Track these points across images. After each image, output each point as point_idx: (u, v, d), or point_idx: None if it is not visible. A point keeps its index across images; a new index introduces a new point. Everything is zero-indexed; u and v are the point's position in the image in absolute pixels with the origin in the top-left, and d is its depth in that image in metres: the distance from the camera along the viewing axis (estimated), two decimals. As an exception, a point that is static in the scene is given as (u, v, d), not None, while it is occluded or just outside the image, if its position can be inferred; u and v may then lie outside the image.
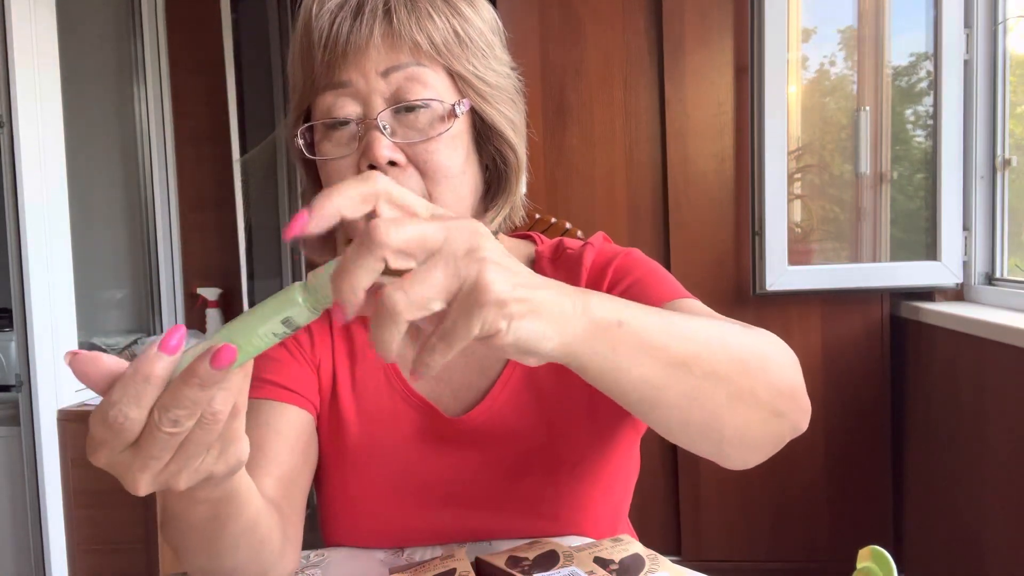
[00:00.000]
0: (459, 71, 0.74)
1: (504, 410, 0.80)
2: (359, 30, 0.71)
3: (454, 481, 0.80)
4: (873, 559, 0.58)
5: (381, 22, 0.71)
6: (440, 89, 0.73)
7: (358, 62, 0.71)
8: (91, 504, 2.02)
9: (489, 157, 0.78)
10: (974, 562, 1.83)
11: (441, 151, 0.73)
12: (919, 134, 2.27)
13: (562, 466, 0.80)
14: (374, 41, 0.71)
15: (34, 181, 1.96)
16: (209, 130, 2.67)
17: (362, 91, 0.72)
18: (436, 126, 0.72)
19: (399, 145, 0.72)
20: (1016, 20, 2.04)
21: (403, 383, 0.83)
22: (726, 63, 2.29)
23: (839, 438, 2.26)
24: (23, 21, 1.93)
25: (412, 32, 0.71)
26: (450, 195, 0.74)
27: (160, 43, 2.64)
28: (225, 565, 0.64)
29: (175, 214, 2.70)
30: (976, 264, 2.13)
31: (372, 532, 0.83)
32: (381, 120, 0.71)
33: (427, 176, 0.72)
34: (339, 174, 0.73)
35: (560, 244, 0.87)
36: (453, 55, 0.73)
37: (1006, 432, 1.70)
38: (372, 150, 0.70)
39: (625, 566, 0.69)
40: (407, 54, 0.72)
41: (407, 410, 0.82)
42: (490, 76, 0.76)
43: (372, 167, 0.71)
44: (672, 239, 2.33)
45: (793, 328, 2.28)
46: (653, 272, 0.81)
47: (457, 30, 0.74)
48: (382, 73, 0.71)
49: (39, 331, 1.96)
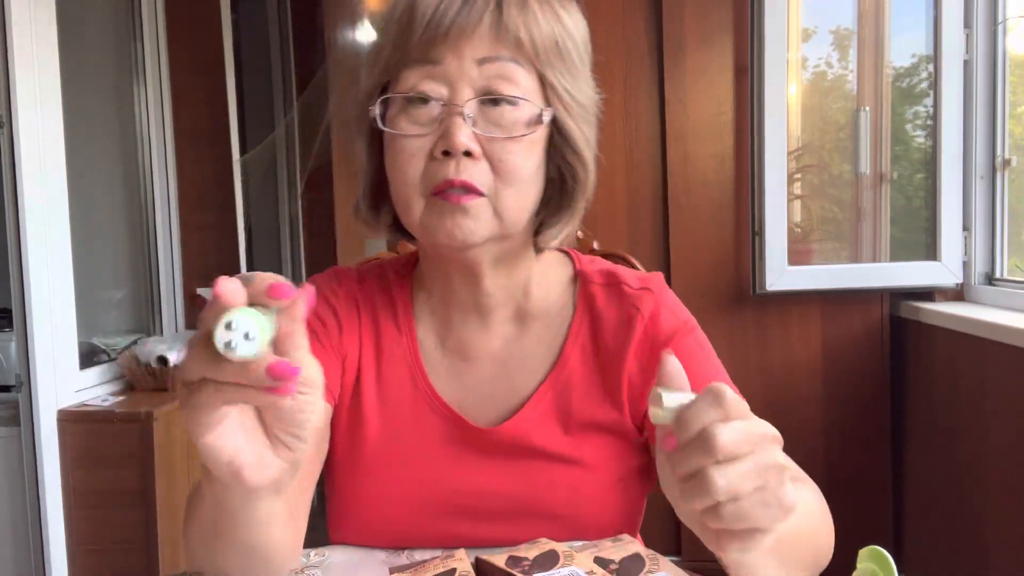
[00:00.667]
0: (551, 80, 0.73)
1: (534, 428, 0.79)
2: (468, 14, 0.70)
3: (474, 492, 0.79)
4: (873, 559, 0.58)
5: (492, 11, 0.71)
6: (530, 92, 0.72)
7: (458, 45, 0.70)
8: (91, 504, 2.02)
9: (555, 170, 0.77)
10: (974, 562, 1.83)
11: (520, 153, 0.72)
12: (919, 134, 2.27)
13: (585, 487, 0.79)
14: (481, 28, 0.70)
15: (34, 181, 1.96)
16: (209, 130, 2.67)
17: (453, 74, 0.71)
18: (520, 127, 0.72)
19: (478, 137, 0.71)
20: (1016, 20, 2.04)
21: (428, 385, 0.81)
22: (726, 63, 2.29)
23: (839, 438, 2.26)
24: (23, 21, 1.93)
25: (519, 29, 0.71)
26: (515, 199, 0.73)
27: (160, 43, 2.64)
28: (235, 564, 0.64)
29: (175, 214, 2.70)
30: (976, 264, 2.14)
31: (382, 534, 0.81)
32: (467, 108, 0.70)
33: (498, 174, 0.71)
34: (411, 152, 0.72)
35: (613, 275, 0.84)
36: (550, 62, 0.73)
37: (1006, 432, 1.70)
38: (452, 136, 0.69)
39: (625, 566, 0.69)
40: (508, 48, 0.71)
41: (431, 414, 0.81)
42: (578, 91, 0.75)
43: (446, 153, 0.70)
44: (672, 239, 2.33)
45: (793, 328, 2.28)
46: (710, 376, 0.78)
47: (558, 39, 0.73)
48: (478, 61, 0.70)
49: (39, 331, 1.96)
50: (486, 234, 0.72)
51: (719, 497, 0.45)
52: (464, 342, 0.82)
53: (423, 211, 0.72)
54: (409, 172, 0.72)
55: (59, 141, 2.06)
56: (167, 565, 2.01)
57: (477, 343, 0.82)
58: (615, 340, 0.81)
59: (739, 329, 2.28)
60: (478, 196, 0.71)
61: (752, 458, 0.46)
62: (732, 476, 0.45)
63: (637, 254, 1.30)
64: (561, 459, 0.79)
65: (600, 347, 0.81)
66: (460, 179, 0.70)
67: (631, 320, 0.80)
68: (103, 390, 2.23)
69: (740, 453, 0.45)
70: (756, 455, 0.46)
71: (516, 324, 0.83)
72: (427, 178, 0.72)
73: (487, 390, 0.81)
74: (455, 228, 0.71)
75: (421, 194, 0.72)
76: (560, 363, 0.81)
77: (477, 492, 0.79)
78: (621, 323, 0.81)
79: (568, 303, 0.84)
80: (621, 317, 0.81)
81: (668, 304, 0.83)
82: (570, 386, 0.81)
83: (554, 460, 0.79)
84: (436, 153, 0.71)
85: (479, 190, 0.71)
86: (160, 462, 2.02)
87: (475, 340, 0.82)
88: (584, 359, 0.81)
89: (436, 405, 0.81)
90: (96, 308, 2.51)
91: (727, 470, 0.45)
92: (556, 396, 0.80)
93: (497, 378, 0.82)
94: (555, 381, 0.81)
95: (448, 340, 0.83)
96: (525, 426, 0.79)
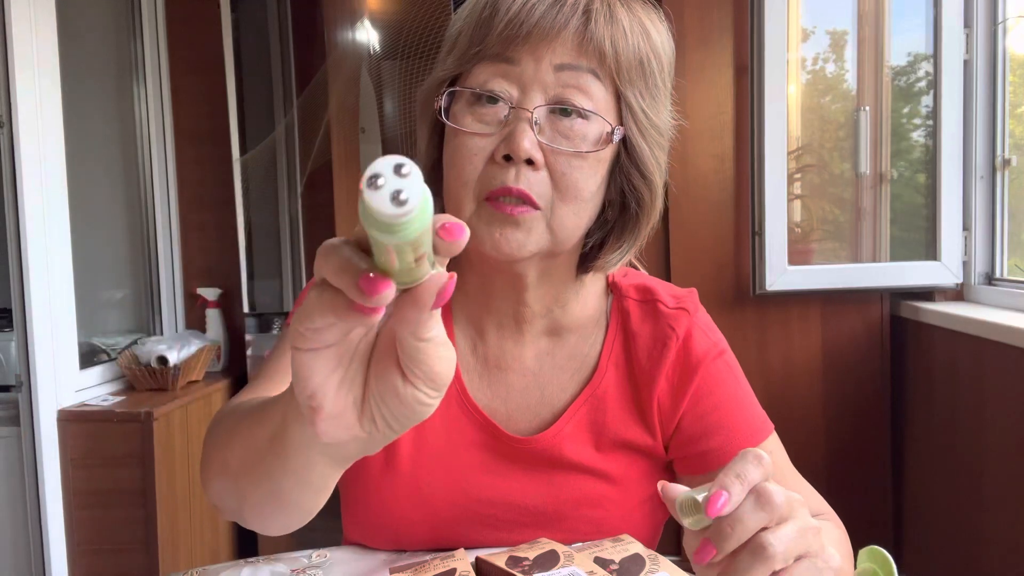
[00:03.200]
0: (629, 98, 0.70)
1: (567, 441, 0.78)
2: (554, 17, 0.67)
3: (501, 501, 0.79)
4: (873, 559, 0.58)
5: (579, 17, 0.68)
6: (603, 107, 0.69)
7: (537, 47, 0.68)
8: (91, 504, 2.02)
9: (617, 192, 0.74)
10: (974, 562, 1.83)
11: (583, 169, 0.69)
12: (919, 134, 2.26)
13: (611, 505, 0.79)
14: (566, 33, 0.67)
15: (34, 181, 1.96)
16: (209, 130, 2.67)
17: (527, 76, 0.68)
18: (588, 142, 0.69)
19: (543, 146, 0.68)
20: (1016, 20, 2.04)
21: (463, 388, 0.79)
22: (726, 63, 2.29)
23: (839, 438, 2.26)
24: (23, 21, 1.93)
25: (604, 40, 0.68)
26: (572, 217, 0.70)
27: (160, 43, 2.64)
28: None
29: (175, 214, 2.70)
30: (976, 264, 2.13)
31: (401, 536, 0.80)
32: (536, 113, 0.67)
33: (558, 187, 0.69)
34: (472, 151, 0.69)
35: (650, 292, 0.82)
36: (631, 80, 0.70)
37: (1006, 432, 1.70)
38: (516, 140, 0.66)
39: (625, 566, 0.69)
40: (589, 59, 0.68)
41: (463, 418, 0.79)
42: (655, 115, 0.72)
43: (507, 158, 0.67)
44: (672, 239, 2.33)
45: (793, 328, 2.28)
46: (738, 399, 0.79)
47: (643, 58, 0.71)
48: (556, 67, 0.68)
49: (39, 331, 1.96)
50: (535, 249, 0.70)
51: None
52: (498, 351, 0.80)
53: (473, 214, 0.69)
54: (466, 171, 0.69)
55: (59, 141, 2.06)
56: (167, 565, 2.01)
57: (511, 353, 0.80)
58: (649, 360, 0.79)
59: (739, 329, 2.28)
60: (533, 209, 0.68)
61: (802, 543, 0.48)
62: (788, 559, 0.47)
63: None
64: (591, 473, 0.78)
65: (634, 365, 0.80)
66: (518, 187, 0.67)
67: (666, 341, 0.79)
68: (103, 390, 2.23)
69: (794, 552, 0.48)
70: (805, 541, 0.48)
71: (550, 337, 0.81)
72: (484, 181, 0.69)
73: (518, 400, 0.80)
74: (503, 240, 0.68)
75: (474, 197, 0.69)
76: (595, 379, 0.80)
77: (503, 501, 0.78)
78: (656, 343, 0.79)
79: (602, 317, 0.82)
80: (656, 336, 0.79)
81: (701, 326, 0.81)
82: (604, 403, 0.79)
83: (584, 474, 0.78)
84: (497, 156, 0.68)
85: (535, 202, 0.68)
86: (160, 462, 2.02)
87: (509, 350, 0.80)
88: (619, 377, 0.80)
89: (470, 410, 0.79)
90: (96, 308, 2.50)
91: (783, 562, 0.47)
92: (590, 411, 0.79)
93: (529, 389, 0.80)
94: (590, 396, 0.79)
95: (481, 347, 0.81)
96: (559, 439, 0.78)
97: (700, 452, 0.78)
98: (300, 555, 0.80)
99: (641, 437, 0.79)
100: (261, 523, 0.57)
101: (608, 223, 0.76)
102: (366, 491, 0.80)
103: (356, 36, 3.02)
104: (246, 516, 0.57)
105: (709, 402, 0.78)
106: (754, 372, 2.25)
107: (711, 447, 0.77)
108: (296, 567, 0.77)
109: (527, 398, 0.80)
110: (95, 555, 2.02)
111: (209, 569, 0.76)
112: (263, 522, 0.56)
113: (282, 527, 0.56)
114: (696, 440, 0.78)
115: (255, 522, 0.57)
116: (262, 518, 0.56)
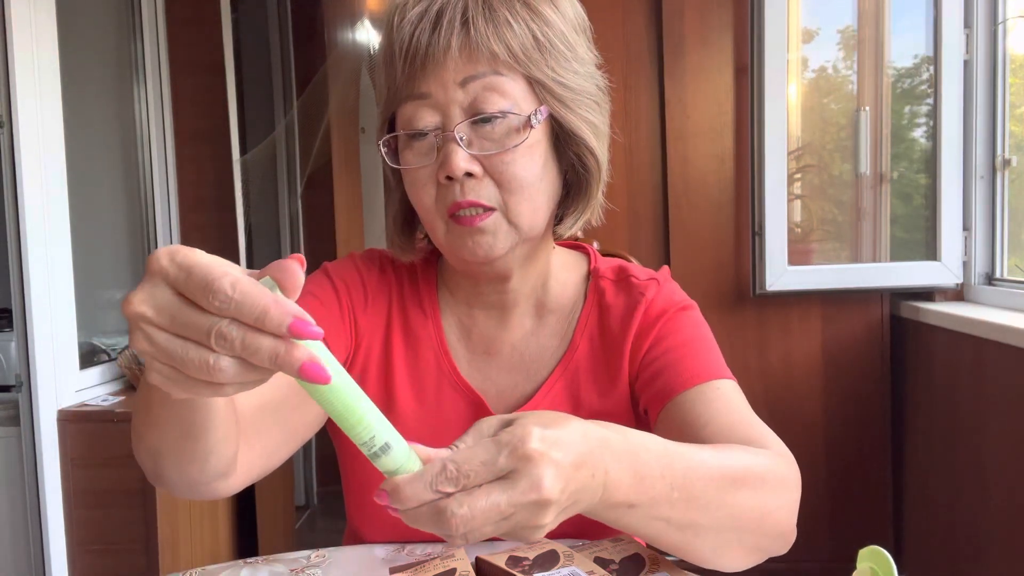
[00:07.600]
0: (538, 78, 0.73)
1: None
2: (437, 41, 0.71)
3: None
4: (873, 559, 0.58)
5: (459, 32, 0.71)
6: (518, 97, 0.73)
7: (436, 73, 0.72)
8: (91, 504, 2.02)
9: (568, 162, 0.78)
10: (974, 562, 1.83)
11: (517, 162, 0.73)
12: (919, 134, 2.27)
13: None
14: (452, 52, 0.71)
15: (34, 181, 1.96)
16: (209, 130, 2.67)
17: (441, 102, 0.72)
18: (512, 137, 0.73)
19: (476, 156, 0.73)
20: (1016, 20, 2.04)
21: (452, 367, 0.84)
22: (726, 63, 2.29)
23: (839, 438, 2.26)
24: (23, 21, 1.93)
25: (489, 42, 0.71)
26: (526, 205, 0.74)
27: (160, 43, 2.64)
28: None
29: (175, 214, 2.70)
30: (976, 264, 2.14)
31: (400, 520, 0.80)
32: (458, 132, 0.72)
33: (503, 187, 0.73)
34: (422, 182, 0.75)
35: (624, 270, 0.87)
36: (532, 62, 0.73)
37: (1006, 432, 1.70)
38: (449, 162, 0.71)
39: (625, 566, 0.69)
40: (485, 63, 0.72)
41: (455, 396, 0.84)
42: (571, 80, 0.75)
43: (449, 178, 0.73)
44: (672, 239, 2.33)
45: (793, 328, 2.28)
46: (693, 342, 0.81)
47: (536, 35, 0.73)
48: (460, 83, 0.72)
49: (39, 331, 1.96)
50: (507, 245, 0.75)
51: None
52: (486, 338, 0.85)
53: (446, 233, 0.76)
54: (424, 200, 0.75)
55: (59, 141, 2.06)
56: (167, 565, 2.01)
57: (500, 338, 0.85)
58: (620, 326, 0.83)
59: (739, 329, 2.28)
60: (490, 212, 0.73)
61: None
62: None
63: (637, 254, 1.30)
64: None
65: (606, 335, 0.84)
66: (467, 199, 0.73)
67: (635, 306, 0.83)
68: (103, 390, 2.23)
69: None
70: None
71: (534, 318, 0.86)
72: (440, 201, 0.75)
73: (505, 380, 0.85)
74: (476, 247, 0.74)
75: (441, 217, 0.75)
76: (568, 352, 0.84)
77: None
78: (627, 311, 0.84)
79: (581, 297, 0.87)
80: (628, 305, 0.84)
81: (669, 289, 0.85)
82: (578, 374, 0.84)
83: None
84: (441, 179, 0.73)
85: (487, 205, 0.73)
86: (160, 462, 2.01)
87: (496, 335, 0.85)
88: (591, 348, 0.84)
89: (460, 386, 0.84)
90: (96, 308, 2.50)
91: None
92: (566, 385, 0.83)
93: (515, 369, 0.85)
94: (564, 370, 0.84)
95: (471, 334, 0.86)
96: (539, 410, 0.80)
97: (655, 392, 0.79)
98: (299, 555, 0.81)
99: (616, 405, 0.82)
100: (178, 472, 0.62)
101: (569, 192, 0.81)
102: (367, 476, 0.83)
103: (356, 36, 3.02)
104: (165, 470, 0.62)
105: (664, 344, 0.81)
106: (754, 372, 2.26)
107: (662, 386, 0.79)
108: (295, 567, 0.78)
109: (513, 377, 0.85)
110: (95, 555, 2.02)
111: (208, 569, 0.76)
112: (180, 469, 0.61)
113: (199, 471, 0.61)
114: (652, 380, 0.80)
115: (173, 472, 0.61)
116: (179, 466, 0.61)
